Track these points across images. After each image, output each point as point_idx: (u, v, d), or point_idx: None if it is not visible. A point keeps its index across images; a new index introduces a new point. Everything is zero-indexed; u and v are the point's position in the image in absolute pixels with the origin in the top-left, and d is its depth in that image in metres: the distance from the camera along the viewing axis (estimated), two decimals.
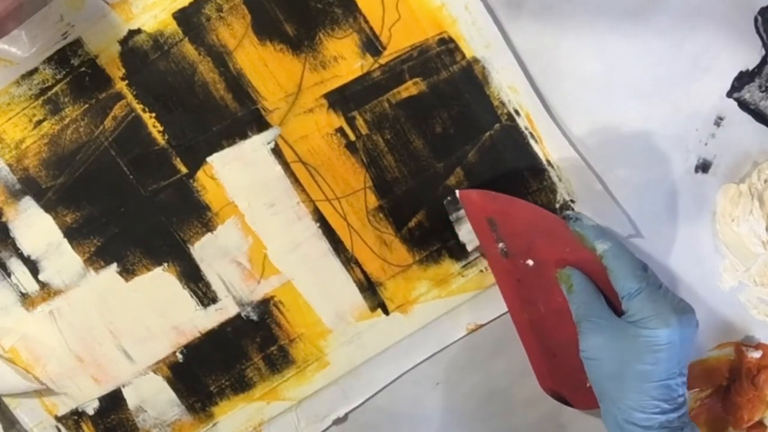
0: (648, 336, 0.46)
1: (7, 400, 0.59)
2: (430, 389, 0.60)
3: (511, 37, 0.54)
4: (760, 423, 0.59)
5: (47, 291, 0.57)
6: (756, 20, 0.54)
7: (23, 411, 0.59)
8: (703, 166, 0.57)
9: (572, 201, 0.56)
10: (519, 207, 0.53)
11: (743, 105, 0.56)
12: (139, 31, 0.53)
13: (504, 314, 0.58)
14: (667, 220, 0.58)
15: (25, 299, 0.57)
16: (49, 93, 0.53)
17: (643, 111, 0.56)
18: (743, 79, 0.55)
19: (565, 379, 0.55)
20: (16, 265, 0.56)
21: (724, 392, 0.59)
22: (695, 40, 0.55)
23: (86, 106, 0.53)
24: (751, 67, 0.55)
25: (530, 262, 0.53)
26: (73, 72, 0.53)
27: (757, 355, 0.58)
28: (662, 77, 0.55)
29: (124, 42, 0.53)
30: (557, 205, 0.56)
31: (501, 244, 0.53)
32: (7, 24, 0.50)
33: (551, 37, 0.54)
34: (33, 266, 0.56)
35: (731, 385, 0.59)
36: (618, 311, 0.49)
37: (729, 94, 0.56)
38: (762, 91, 0.55)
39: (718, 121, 0.56)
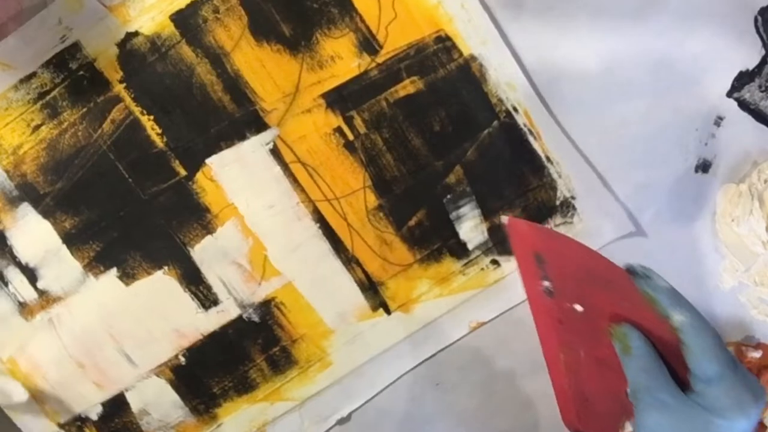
0: (724, 426, 0.40)
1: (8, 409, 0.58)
2: (430, 389, 0.59)
3: (511, 37, 0.54)
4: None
5: (46, 298, 0.56)
6: (756, 20, 0.55)
7: (25, 419, 0.58)
8: (703, 166, 0.57)
9: (573, 197, 0.56)
10: (574, 248, 0.47)
11: (743, 105, 0.56)
12: (136, 33, 0.53)
13: (506, 311, 0.58)
14: (667, 220, 0.58)
15: (24, 308, 0.56)
16: (48, 97, 0.53)
17: (643, 111, 0.56)
18: (743, 79, 0.55)
19: (596, 423, 0.51)
20: (13, 274, 0.56)
21: None
22: (695, 40, 0.55)
23: (84, 109, 0.53)
24: (751, 67, 0.55)
25: (578, 308, 0.47)
26: (72, 76, 0.53)
27: (757, 355, 0.58)
28: (662, 77, 0.55)
29: (121, 45, 0.53)
30: (558, 202, 0.56)
31: (546, 283, 0.47)
32: (7, 26, 0.50)
33: (551, 37, 0.55)
34: (31, 274, 0.56)
35: None
36: (678, 380, 0.43)
37: (729, 94, 0.56)
38: (762, 91, 0.55)
39: (718, 121, 0.56)
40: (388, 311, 0.58)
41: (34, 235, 0.55)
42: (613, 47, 0.55)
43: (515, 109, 0.55)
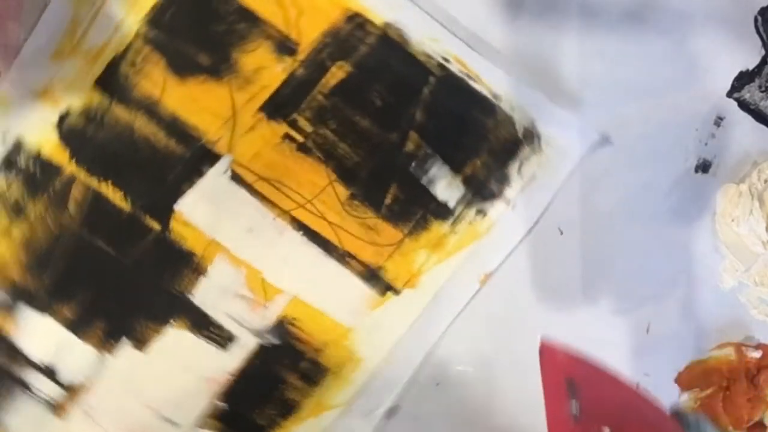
0: None
1: None
2: (430, 389, 0.59)
3: (509, 37, 0.55)
4: (760, 423, 0.58)
5: (73, 391, 0.57)
6: (756, 20, 0.55)
7: None
8: (703, 166, 0.57)
9: (532, 125, 0.56)
10: (612, 381, 0.47)
11: (743, 105, 0.56)
12: (68, 112, 0.54)
13: (508, 256, 0.58)
14: (667, 220, 0.58)
15: (55, 408, 0.57)
16: (7, 200, 0.55)
17: (642, 111, 0.56)
18: (743, 79, 0.55)
19: None
20: (33, 377, 0.57)
21: (724, 392, 0.58)
22: (695, 40, 0.55)
23: (45, 199, 0.55)
24: (751, 67, 0.55)
25: None
26: (23, 172, 0.54)
27: (757, 355, 0.58)
28: (662, 77, 0.56)
29: (59, 126, 0.54)
30: (520, 135, 0.56)
31: (574, 407, 0.45)
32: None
33: (551, 36, 0.55)
34: (50, 372, 0.57)
35: (731, 385, 0.58)
36: None
37: (729, 94, 0.56)
38: (762, 91, 0.55)
39: (718, 121, 0.56)
40: (396, 292, 0.58)
41: (40, 332, 0.56)
42: (613, 47, 0.55)
43: (446, 60, 0.55)
